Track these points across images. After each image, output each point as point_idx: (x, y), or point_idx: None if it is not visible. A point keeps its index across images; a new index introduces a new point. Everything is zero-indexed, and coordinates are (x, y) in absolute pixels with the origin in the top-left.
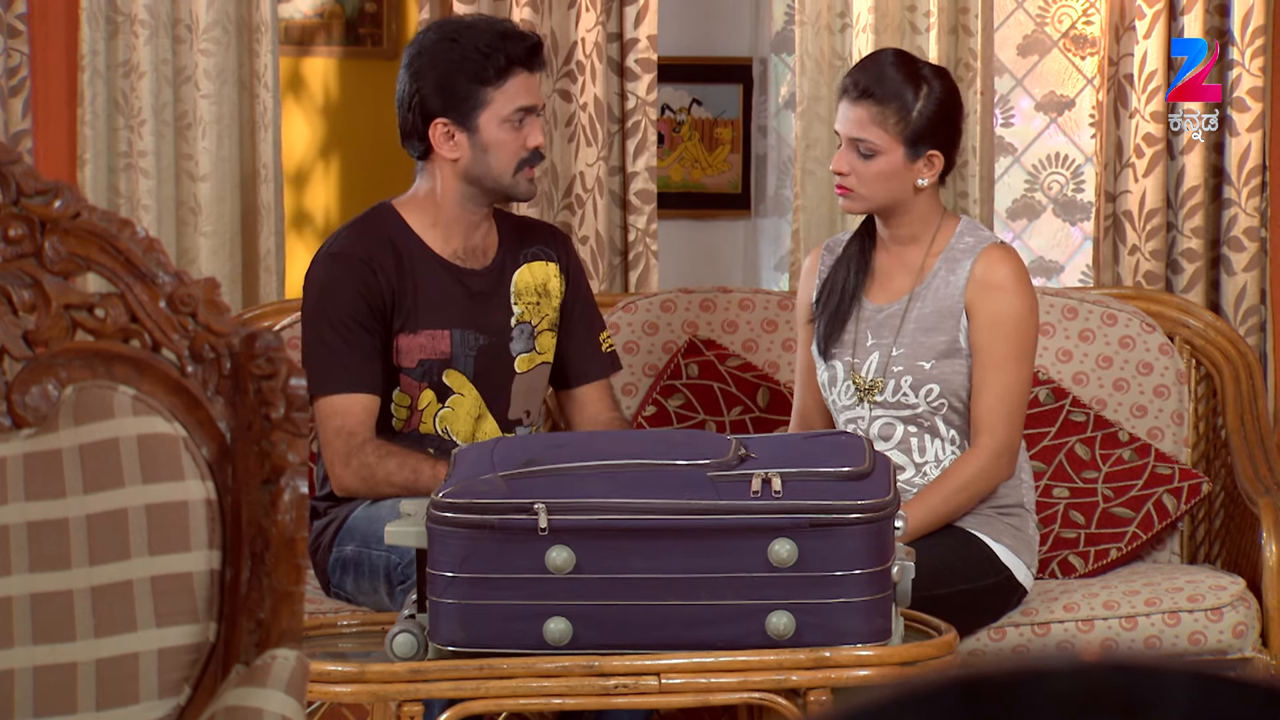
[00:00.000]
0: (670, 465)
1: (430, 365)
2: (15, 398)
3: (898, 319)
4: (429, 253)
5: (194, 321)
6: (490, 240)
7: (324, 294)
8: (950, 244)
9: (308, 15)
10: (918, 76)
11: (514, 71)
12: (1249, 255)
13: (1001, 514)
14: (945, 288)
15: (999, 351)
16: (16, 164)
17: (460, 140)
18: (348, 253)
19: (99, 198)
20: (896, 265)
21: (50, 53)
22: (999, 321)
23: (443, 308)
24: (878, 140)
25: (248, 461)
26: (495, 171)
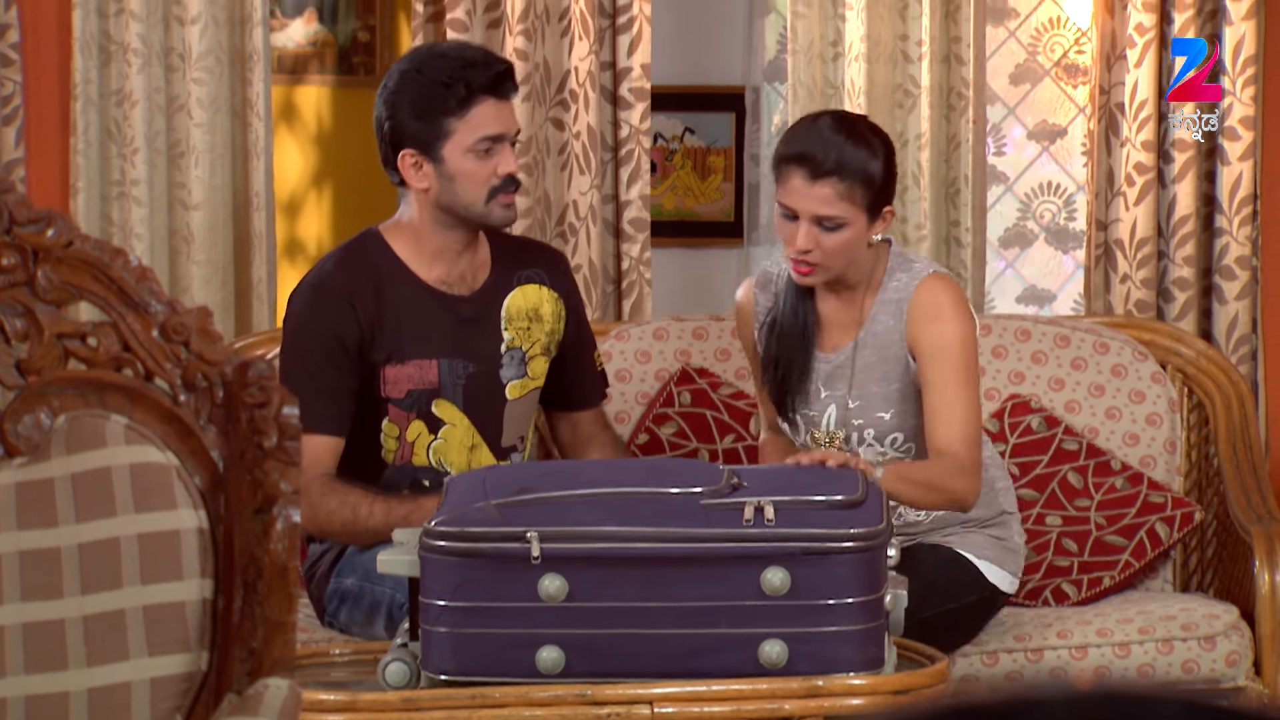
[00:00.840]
0: (663, 493)
1: (419, 395)
2: (8, 426)
3: (846, 370)
4: (415, 280)
5: (186, 350)
6: (479, 264)
7: (297, 329)
8: (884, 284)
9: (300, 44)
10: (865, 139)
11: (477, 100)
12: (1240, 284)
13: (983, 527)
14: (886, 334)
15: (944, 379)
16: (9, 193)
17: (427, 171)
18: (328, 285)
19: (92, 226)
20: (836, 312)
21: (43, 81)
22: (941, 351)
23: (429, 337)
24: (847, 214)
25: (240, 490)
26: (465, 201)
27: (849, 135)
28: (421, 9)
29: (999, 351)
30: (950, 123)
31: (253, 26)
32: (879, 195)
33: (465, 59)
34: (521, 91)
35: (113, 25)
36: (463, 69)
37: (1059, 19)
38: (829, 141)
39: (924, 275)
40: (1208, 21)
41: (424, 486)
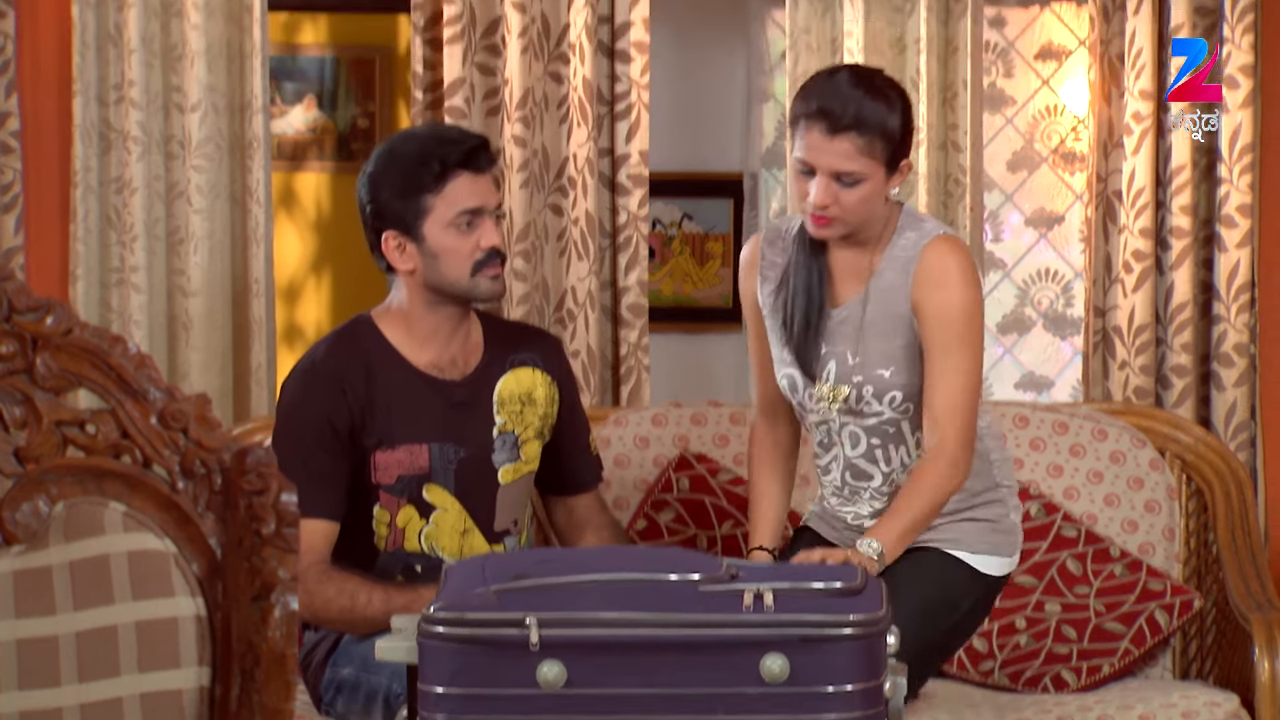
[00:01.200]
0: (661, 580)
1: (409, 481)
2: (6, 514)
3: (851, 325)
4: (406, 365)
5: (185, 437)
6: (471, 347)
7: (289, 414)
8: (893, 242)
9: (300, 131)
10: (882, 93)
11: (453, 175)
12: (1239, 371)
13: (976, 511)
14: (891, 292)
15: (946, 344)
16: (8, 280)
17: (411, 251)
18: (318, 370)
19: (90, 313)
20: (844, 267)
21: (43, 169)
22: (944, 316)
23: (419, 421)
24: (866, 169)
25: (238, 577)
26: (451, 277)
27: (867, 89)
28: (421, 96)
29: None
30: (948, 209)
31: (253, 114)
32: (897, 149)
33: (439, 136)
34: (520, 177)
35: (113, 113)
36: (437, 146)
37: (1056, 107)
38: (847, 96)
39: (933, 235)
40: (1204, 111)
41: (417, 573)
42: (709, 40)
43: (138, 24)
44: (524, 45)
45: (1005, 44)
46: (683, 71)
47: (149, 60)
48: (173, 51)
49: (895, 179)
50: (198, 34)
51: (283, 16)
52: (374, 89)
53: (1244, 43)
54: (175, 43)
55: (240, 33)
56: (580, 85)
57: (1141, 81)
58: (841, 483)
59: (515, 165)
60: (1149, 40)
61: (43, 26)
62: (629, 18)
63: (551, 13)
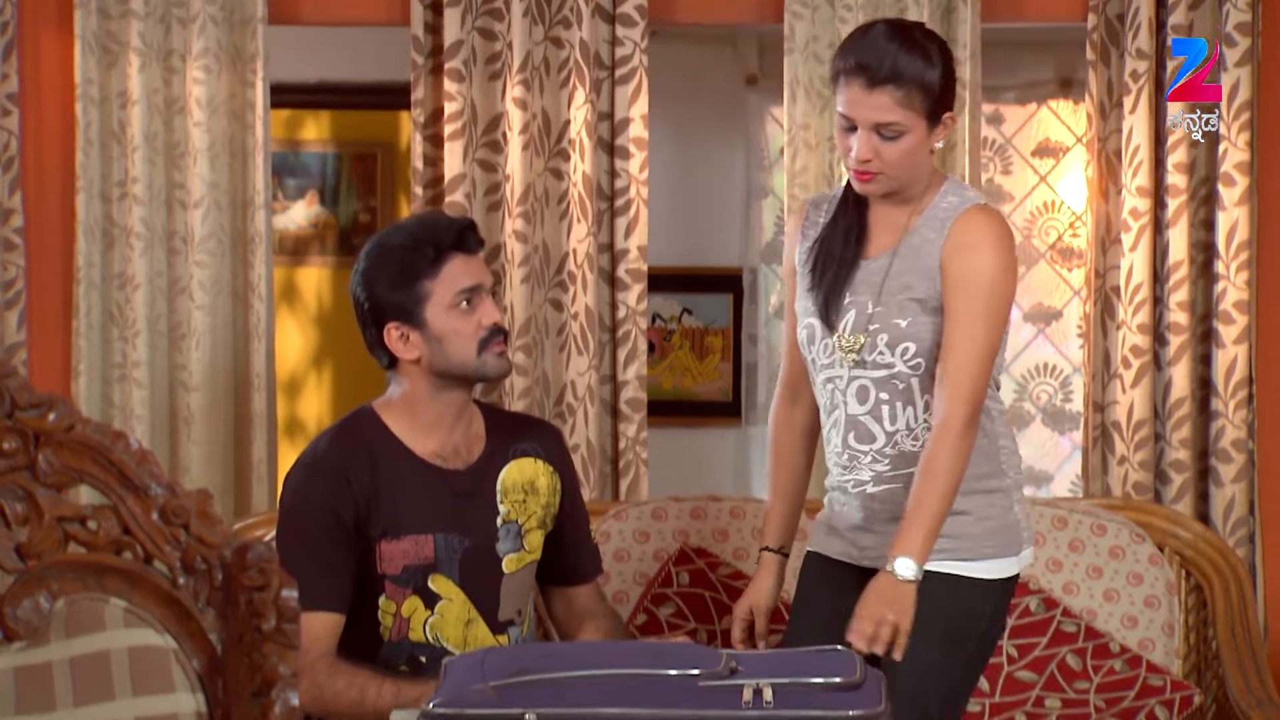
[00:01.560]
0: (661, 675)
1: (415, 571)
2: (7, 611)
3: (878, 276)
4: (409, 455)
5: (186, 533)
6: (473, 437)
7: (294, 507)
8: (934, 203)
9: (302, 226)
10: (919, 45)
11: (447, 258)
12: (1237, 467)
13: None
14: (924, 246)
15: (966, 310)
16: (11, 377)
17: (415, 339)
18: (322, 463)
19: (93, 408)
20: (880, 222)
21: (46, 264)
22: (969, 280)
23: (424, 512)
24: (906, 121)
25: (239, 673)
26: (458, 358)
27: (903, 42)
28: (421, 191)
29: None
30: None
31: (255, 210)
32: (938, 102)
33: (427, 223)
34: (521, 272)
35: (116, 209)
36: (427, 232)
37: (1054, 203)
38: (884, 49)
39: (975, 202)
40: (1201, 206)
41: (421, 664)
42: (708, 136)
43: (141, 121)
44: (525, 141)
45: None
46: (682, 167)
47: (152, 157)
48: (176, 148)
49: (939, 131)
50: (200, 131)
51: (285, 113)
52: (375, 184)
53: (1240, 140)
54: (178, 139)
55: (243, 130)
56: (580, 181)
57: (1139, 178)
58: (843, 446)
59: (516, 260)
60: (1146, 137)
61: (47, 123)
62: (628, 114)
63: (552, 109)
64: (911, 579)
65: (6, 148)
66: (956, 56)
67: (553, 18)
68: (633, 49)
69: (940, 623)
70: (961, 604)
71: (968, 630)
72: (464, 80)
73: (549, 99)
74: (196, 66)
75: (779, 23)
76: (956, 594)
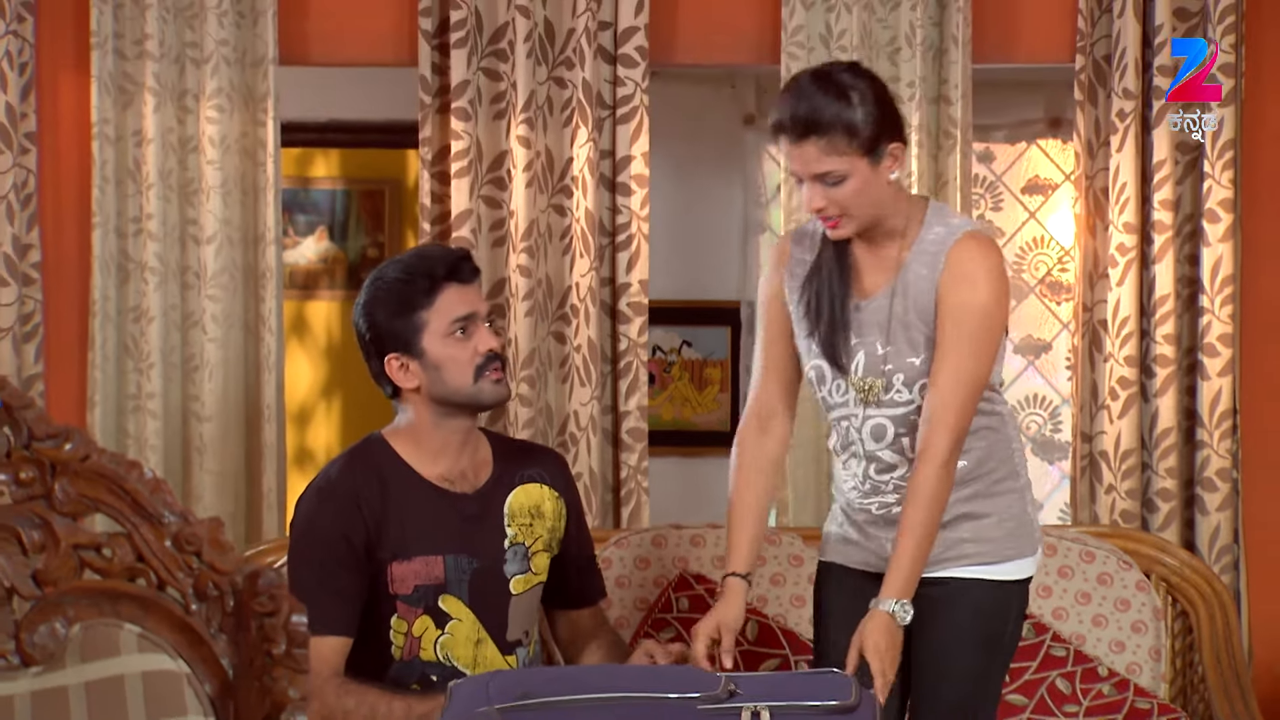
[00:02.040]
0: (661, 699)
1: (425, 591)
2: (24, 636)
3: (881, 316)
4: (418, 479)
5: (198, 560)
6: (480, 463)
7: (305, 532)
8: (921, 236)
9: (312, 261)
10: (838, 87)
11: (441, 288)
12: (1222, 495)
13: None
14: (918, 283)
15: (956, 341)
16: (28, 408)
17: (414, 369)
18: (333, 489)
19: (108, 438)
20: (873, 261)
21: (63, 299)
22: (962, 313)
23: (434, 533)
24: (840, 166)
25: (250, 697)
26: (454, 385)
27: (822, 88)
28: (428, 227)
29: None
30: None
31: (266, 245)
32: (872, 137)
33: (422, 255)
34: (524, 306)
35: (131, 245)
36: (422, 263)
37: (1043, 239)
38: (802, 99)
39: (963, 230)
40: (1186, 242)
41: (433, 683)
42: (707, 173)
43: (156, 160)
44: (529, 179)
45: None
46: (682, 204)
47: (166, 194)
48: (189, 186)
49: (887, 164)
50: (213, 169)
51: (296, 151)
52: (383, 220)
53: (1224, 178)
54: (192, 177)
55: (254, 168)
56: (583, 217)
57: (1125, 215)
58: (864, 478)
59: (520, 294)
60: (1132, 175)
61: (64, 161)
62: (630, 152)
63: (555, 147)
64: (905, 616)
65: (25, 185)
66: (947, 97)
67: (556, 59)
68: (634, 89)
69: (979, 627)
70: (995, 607)
71: (1002, 633)
72: (470, 119)
73: (552, 137)
74: (210, 106)
75: (776, 64)
76: (989, 598)
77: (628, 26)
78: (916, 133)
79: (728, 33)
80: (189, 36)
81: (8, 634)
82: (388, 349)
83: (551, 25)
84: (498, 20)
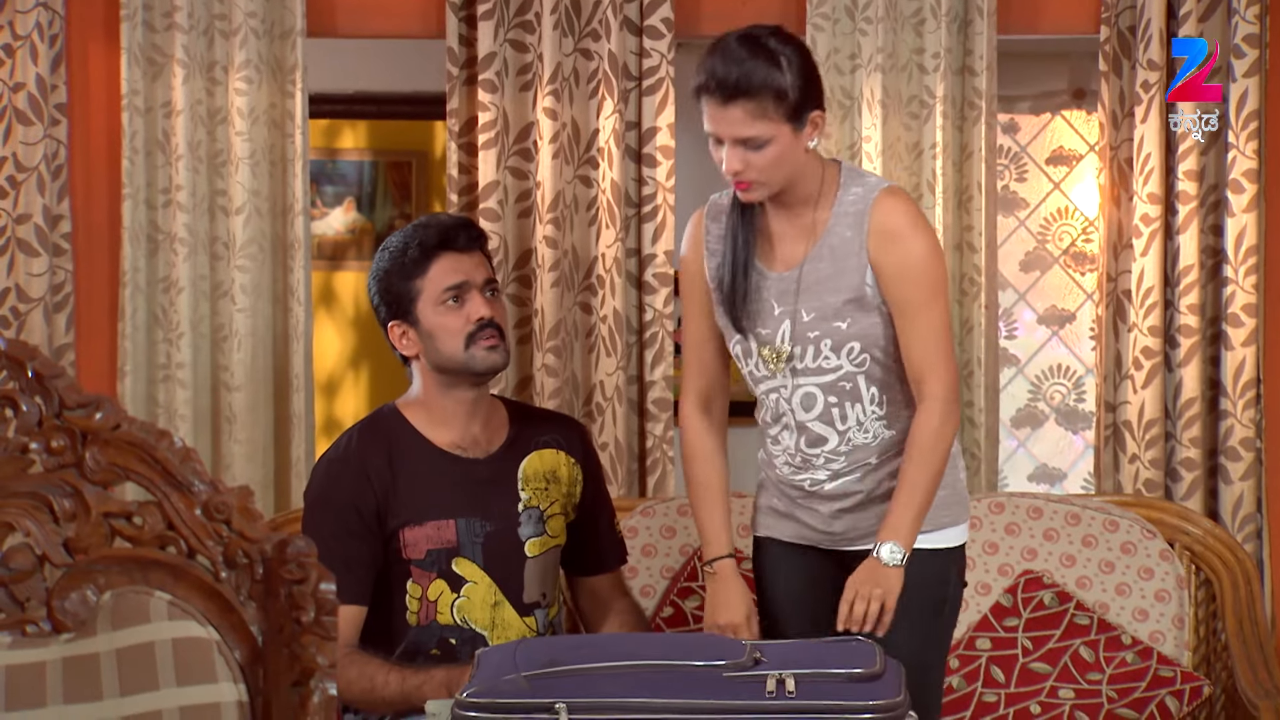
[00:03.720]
0: (687, 666)
1: (438, 555)
2: (55, 603)
3: (804, 284)
4: (429, 446)
5: (228, 528)
6: (494, 429)
7: (316, 502)
8: (839, 199)
9: (339, 232)
10: (768, 52)
11: (435, 256)
12: (1245, 465)
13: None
14: (844, 245)
15: (915, 299)
16: (59, 378)
17: (412, 336)
18: (343, 458)
19: (138, 408)
20: (790, 229)
21: (94, 269)
22: (907, 269)
23: (445, 498)
24: (765, 132)
25: (278, 664)
26: (447, 353)
27: (752, 52)
28: (455, 198)
29: (1012, 529)
30: (964, 308)
31: (294, 216)
32: (796, 106)
33: (420, 224)
34: (551, 277)
35: (161, 216)
36: (419, 232)
37: (1067, 209)
38: (733, 62)
39: (880, 188)
40: (1210, 213)
41: (451, 645)
42: None
43: (185, 131)
44: (555, 150)
45: (1018, 149)
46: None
47: (195, 166)
48: (218, 157)
49: (808, 132)
50: (242, 140)
51: (323, 123)
52: (411, 191)
53: (1249, 149)
54: (221, 149)
55: (283, 139)
56: (609, 188)
57: (1150, 185)
58: (795, 450)
59: (546, 265)
60: (1156, 146)
61: (94, 134)
62: (655, 123)
63: (581, 119)
64: (898, 564)
65: (55, 156)
66: (972, 68)
67: (582, 30)
68: (659, 60)
69: (921, 595)
70: (935, 575)
71: (944, 597)
72: (497, 91)
73: (578, 109)
74: (238, 78)
75: (802, 35)
76: (929, 566)
77: None
78: (941, 104)
79: (754, 4)
80: (217, 9)
81: (39, 601)
82: (391, 317)
83: None
84: None
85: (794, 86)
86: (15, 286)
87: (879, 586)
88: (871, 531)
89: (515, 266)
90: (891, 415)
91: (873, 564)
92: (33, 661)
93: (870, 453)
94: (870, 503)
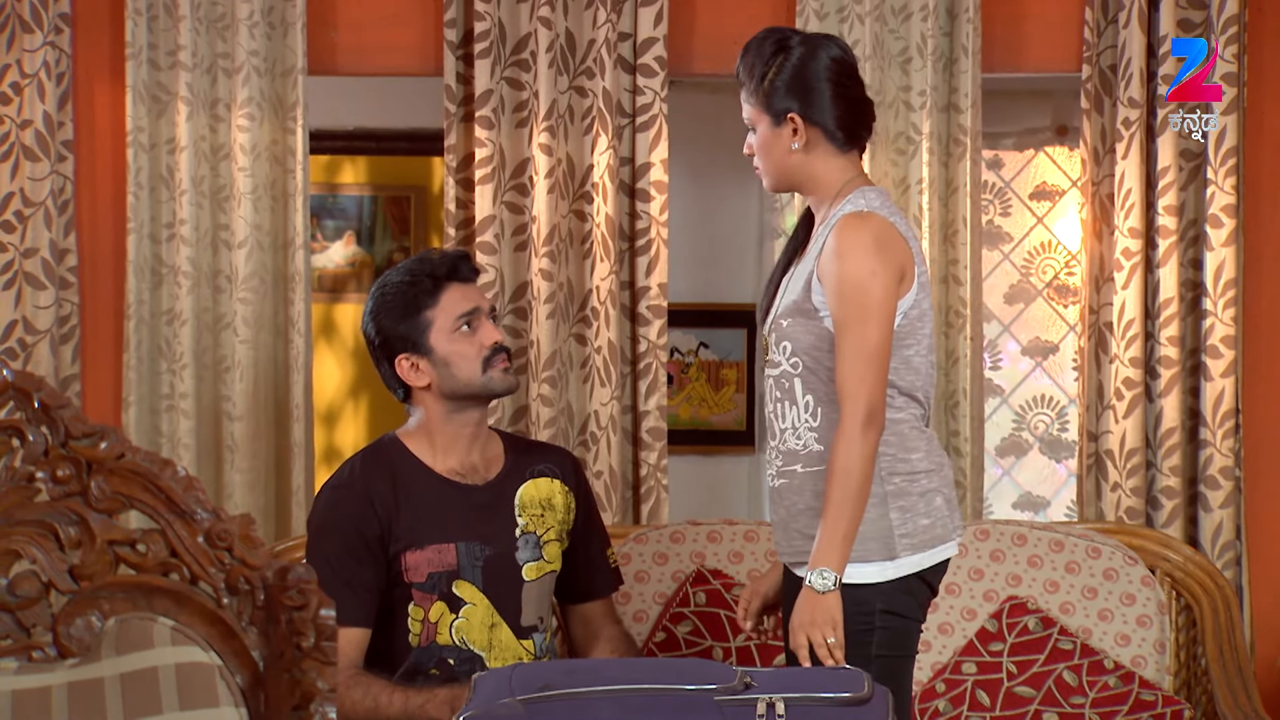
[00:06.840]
0: (678, 690)
1: (439, 578)
2: (61, 629)
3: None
4: (429, 473)
5: (230, 556)
6: (492, 458)
7: (321, 528)
8: (834, 212)
9: (340, 265)
10: (782, 46)
11: (444, 287)
12: (1224, 493)
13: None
14: (811, 253)
15: (842, 316)
16: (65, 408)
17: (424, 367)
18: (346, 485)
19: (142, 437)
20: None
21: (99, 302)
22: (839, 287)
23: (445, 522)
24: (751, 116)
25: (279, 688)
26: (464, 378)
27: (767, 41)
28: (453, 232)
29: (997, 555)
30: (949, 339)
31: (295, 250)
32: (770, 97)
33: (422, 259)
34: (546, 308)
35: (165, 249)
36: (423, 266)
37: (1050, 243)
38: (747, 48)
39: (853, 209)
40: (1190, 246)
41: (451, 666)
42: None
43: (188, 167)
44: (550, 185)
45: (1002, 184)
46: (700, 209)
47: (198, 200)
48: (221, 192)
49: (785, 131)
50: (244, 176)
51: (324, 159)
52: (409, 226)
53: (1227, 185)
54: (224, 184)
55: (284, 174)
56: (603, 222)
57: (1131, 220)
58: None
59: (542, 297)
60: (1137, 181)
61: (100, 169)
62: (649, 159)
63: (576, 154)
64: (831, 589)
65: (62, 191)
66: (958, 105)
67: (577, 69)
68: (653, 98)
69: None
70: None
71: (866, 631)
72: (493, 127)
73: (573, 145)
74: (240, 115)
75: None
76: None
77: (647, 37)
78: (927, 140)
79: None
80: (221, 47)
81: (45, 627)
82: (397, 350)
83: (573, 36)
84: (520, 31)
85: (772, 79)
86: (23, 319)
87: (818, 616)
88: (792, 553)
89: (511, 299)
90: (823, 430)
91: (807, 594)
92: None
93: (798, 460)
94: (792, 519)
